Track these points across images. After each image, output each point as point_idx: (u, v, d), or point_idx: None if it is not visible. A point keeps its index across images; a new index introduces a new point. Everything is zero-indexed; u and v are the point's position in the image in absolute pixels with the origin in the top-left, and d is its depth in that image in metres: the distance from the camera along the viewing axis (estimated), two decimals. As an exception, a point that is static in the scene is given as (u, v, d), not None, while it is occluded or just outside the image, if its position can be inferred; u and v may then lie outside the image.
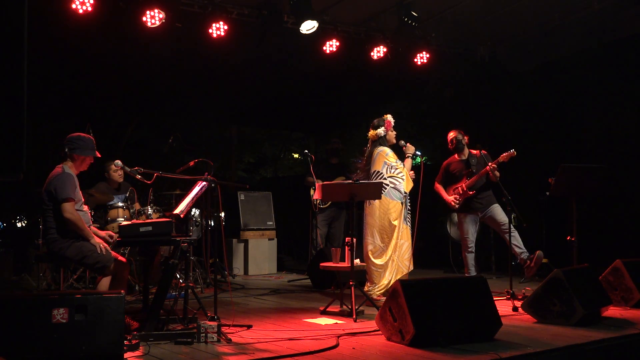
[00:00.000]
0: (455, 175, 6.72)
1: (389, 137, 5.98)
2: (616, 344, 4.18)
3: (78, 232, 4.37)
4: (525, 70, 8.79)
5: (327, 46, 7.67)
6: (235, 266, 8.90)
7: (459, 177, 6.68)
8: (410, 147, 6.07)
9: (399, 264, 5.76)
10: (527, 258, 6.13)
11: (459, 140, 6.71)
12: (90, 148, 4.58)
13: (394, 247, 5.75)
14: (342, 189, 5.37)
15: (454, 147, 6.74)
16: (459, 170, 6.70)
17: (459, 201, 6.60)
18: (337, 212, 8.14)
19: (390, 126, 5.98)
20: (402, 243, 5.78)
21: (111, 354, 3.44)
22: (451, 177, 6.76)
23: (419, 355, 3.69)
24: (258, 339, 4.16)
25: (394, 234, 5.73)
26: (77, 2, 6.08)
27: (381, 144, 5.93)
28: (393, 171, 5.80)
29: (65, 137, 4.59)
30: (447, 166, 6.83)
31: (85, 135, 4.62)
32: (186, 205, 4.76)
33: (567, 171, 5.91)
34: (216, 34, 6.94)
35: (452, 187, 6.73)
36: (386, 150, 5.89)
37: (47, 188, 4.44)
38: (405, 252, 5.80)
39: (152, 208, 6.52)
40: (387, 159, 5.84)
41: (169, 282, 4.40)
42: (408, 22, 7.33)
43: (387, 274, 5.73)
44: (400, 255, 5.77)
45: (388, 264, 5.74)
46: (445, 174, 6.82)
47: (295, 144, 18.95)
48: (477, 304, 4.19)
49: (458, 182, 6.68)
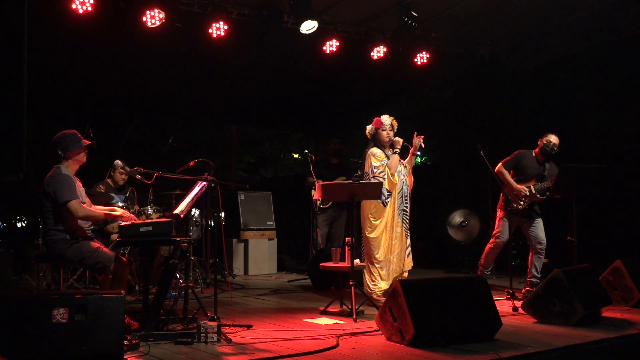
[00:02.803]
0: (526, 171, 6.26)
1: (380, 137, 5.87)
2: (616, 344, 4.18)
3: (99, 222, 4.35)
4: (525, 70, 8.79)
5: (327, 46, 7.67)
6: (235, 266, 8.89)
7: (530, 176, 6.27)
8: (398, 140, 5.83)
9: (396, 264, 5.72)
10: (534, 285, 6.06)
11: (555, 147, 6.24)
12: (78, 141, 4.59)
13: (388, 248, 5.70)
14: (342, 189, 5.37)
15: (549, 150, 6.22)
16: (533, 169, 6.26)
17: (526, 202, 6.20)
18: (338, 212, 8.14)
19: (380, 124, 5.84)
20: (394, 244, 5.72)
21: (111, 354, 3.44)
22: (520, 171, 6.30)
23: (419, 355, 3.69)
24: (258, 339, 4.16)
25: (374, 232, 5.67)
26: (77, 2, 6.08)
27: (374, 144, 5.88)
28: (376, 171, 5.75)
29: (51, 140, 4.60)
30: (522, 157, 6.29)
31: (68, 131, 4.62)
32: (186, 205, 4.76)
33: (567, 171, 5.90)
34: (216, 34, 6.94)
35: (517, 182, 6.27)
36: (374, 150, 5.84)
37: (44, 190, 4.45)
38: (400, 253, 5.74)
39: (152, 208, 6.53)
40: (373, 159, 5.79)
41: (169, 282, 4.40)
42: (408, 22, 7.33)
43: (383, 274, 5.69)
44: (396, 255, 5.72)
45: (382, 263, 5.69)
46: (517, 164, 6.30)
47: (295, 144, 18.96)
48: (477, 304, 4.19)
49: (527, 181, 6.27)
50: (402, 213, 5.83)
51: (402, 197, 5.85)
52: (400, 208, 5.82)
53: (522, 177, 6.29)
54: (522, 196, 6.18)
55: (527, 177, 6.27)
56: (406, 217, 5.87)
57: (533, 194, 6.17)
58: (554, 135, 6.27)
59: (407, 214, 5.88)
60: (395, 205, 5.77)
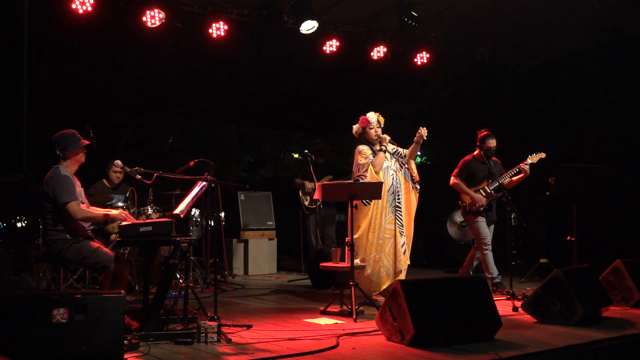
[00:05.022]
0: (477, 175, 6.53)
1: (367, 135, 5.83)
2: (616, 344, 4.18)
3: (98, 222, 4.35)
4: (525, 70, 8.79)
5: (327, 46, 7.68)
6: (235, 266, 8.89)
7: (481, 178, 6.52)
8: (384, 137, 5.78)
9: (388, 264, 5.65)
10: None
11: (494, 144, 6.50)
12: (77, 141, 4.59)
13: (376, 248, 5.64)
14: (342, 189, 5.36)
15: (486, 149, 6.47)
16: (481, 171, 6.52)
17: (486, 203, 6.44)
18: (328, 213, 8.14)
19: (367, 123, 5.80)
20: (382, 243, 5.64)
21: (111, 354, 3.44)
22: (472, 177, 6.55)
23: (419, 355, 3.69)
24: (258, 339, 4.16)
25: (357, 233, 5.63)
26: (77, 2, 6.09)
27: (360, 142, 5.86)
28: (361, 169, 5.72)
29: (50, 140, 4.59)
30: (468, 165, 6.58)
31: (68, 131, 4.61)
32: (186, 205, 4.76)
33: (567, 171, 5.90)
34: (216, 34, 6.95)
35: (472, 187, 6.52)
36: (360, 148, 5.82)
37: (44, 190, 4.45)
38: (392, 251, 5.65)
39: (152, 208, 6.52)
40: (359, 157, 5.77)
41: (169, 282, 4.40)
42: (408, 22, 7.34)
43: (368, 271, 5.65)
44: (387, 254, 5.65)
45: (369, 262, 5.65)
46: (468, 172, 6.57)
47: (295, 144, 18.97)
48: (477, 304, 4.19)
49: (479, 183, 6.52)
50: (394, 210, 5.70)
51: (394, 193, 5.72)
52: (392, 205, 5.70)
53: (475, 182, 6.55)
54: (480, 205, 6.45)
55: (479, 180, 6.54)
56: (399, 214, 5.73)
57: (489, 192, 6.46)
58: (494, 140, 6.52)
59: (400, 210, 5.73)
60: (382, 204, 5.65)
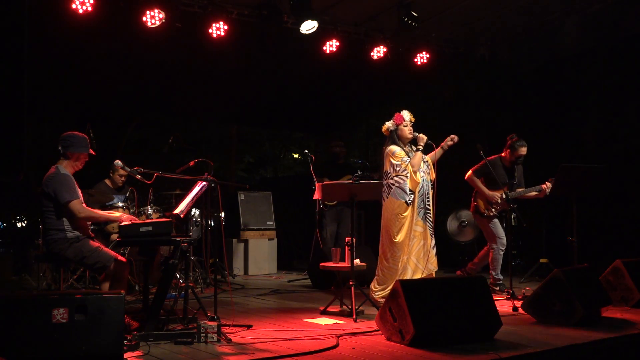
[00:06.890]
0: (495, 181, 6.16)
1: (400, 133, 5.68)
2: (616, 344, 4.18)
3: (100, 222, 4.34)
4: (525, 70, 8.79)
5: (327, 46, 7.68)
6: (235, 266, 8.89)
7: (500, 184, 6.18)
8: (422, 137, 5.65)
9: (417, 264, 5.55)
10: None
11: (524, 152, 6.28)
12: (84, 145, 4.58)
13: (407, 249, 5.53)
14: (342, 189, 5.36)
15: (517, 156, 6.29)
16: (502, 176, 6.27)
17: (497, 210, 6.31)
18: (346, 211, 8.11)
19: (402, 120, 5.67)
20: (412, 244, 5.54)
21: (111, 354, 3.44)
22: (490, 180, 6.28)
23: (419, 355, 3.69)
24: (258, 339, 4.16)
25: (399, 235, 5.49)
26: (77, 2, 6.09)
27: (393, 141, 5.68)
28: (398, 169, 5.58)
29: (57, 136, 4.59)
30: (490, 165, 6.12)
31: (79, 133, 4.61)
32: (186, 205, 4.76)
33: (567, 171, 5.90)
34: (216, 34, 6.95)
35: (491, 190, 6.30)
36: (392, 148, 5.64)
37: (44, 189, 4.44)
38: (420, 252, 5.57)
39: (152, 208, 6.52)
40: (393, 157, 5.60)
41: (169, 282, 4.40)
42: (408, 22, 7.33)
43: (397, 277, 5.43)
44: (415, 255, 5.55)
45: (399, 266, 5.50)
46: (487, 172, 6.23)
47: (295, 144, 18.96)
48: (477, 304, 4.19)
49: (496, 190, 6.26)
50: (423, 211, 5.62)
51: (423, 195, 5.64)
52: (421, 207, 5.62)
53: (491, 187, 6.31)
54: (494, 203, 6.26)
55: (497, 186, 6.21)
56: (429, 215, 5.67)
57: (504, 200, 6.10)
58: (525, 147, 6.29)
59: (429, 212, 5.67)
60: (415, 205, 5.58)
